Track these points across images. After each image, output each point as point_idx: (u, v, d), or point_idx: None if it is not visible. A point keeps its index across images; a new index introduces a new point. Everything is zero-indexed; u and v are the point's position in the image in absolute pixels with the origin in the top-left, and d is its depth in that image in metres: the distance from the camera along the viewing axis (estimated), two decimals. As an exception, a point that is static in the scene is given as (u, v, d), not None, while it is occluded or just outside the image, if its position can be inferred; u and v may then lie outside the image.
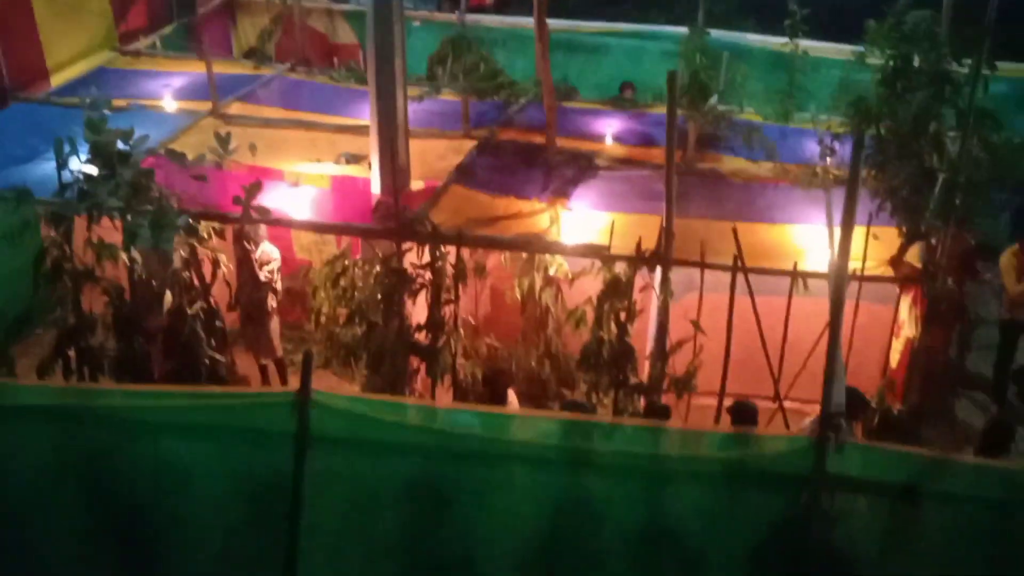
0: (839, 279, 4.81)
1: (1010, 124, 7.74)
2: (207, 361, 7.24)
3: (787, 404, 6.90)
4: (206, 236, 7.18)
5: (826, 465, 4.68)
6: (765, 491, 4.95)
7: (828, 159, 7.77)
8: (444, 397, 7.58)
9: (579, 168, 8.45)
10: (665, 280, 6.96)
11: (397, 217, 7.04)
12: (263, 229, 7.86)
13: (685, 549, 5.08)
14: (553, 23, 9.12)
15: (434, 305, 7.21)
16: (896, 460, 4.98)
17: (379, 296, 7.19)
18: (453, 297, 7.31)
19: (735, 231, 7.04)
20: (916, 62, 7.20)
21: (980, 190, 6.82)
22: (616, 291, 7.01)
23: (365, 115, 8.14)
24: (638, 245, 6.89)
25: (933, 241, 7.07)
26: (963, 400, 8.26)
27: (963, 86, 7.10)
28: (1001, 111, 7.69)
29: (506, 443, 5.06)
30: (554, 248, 7.52)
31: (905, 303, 7.27)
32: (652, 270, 6.98)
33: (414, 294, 7.20)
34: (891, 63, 7.28)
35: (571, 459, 4.97)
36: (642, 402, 7.23)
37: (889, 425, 6.96)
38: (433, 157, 8.60)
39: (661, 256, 6.89)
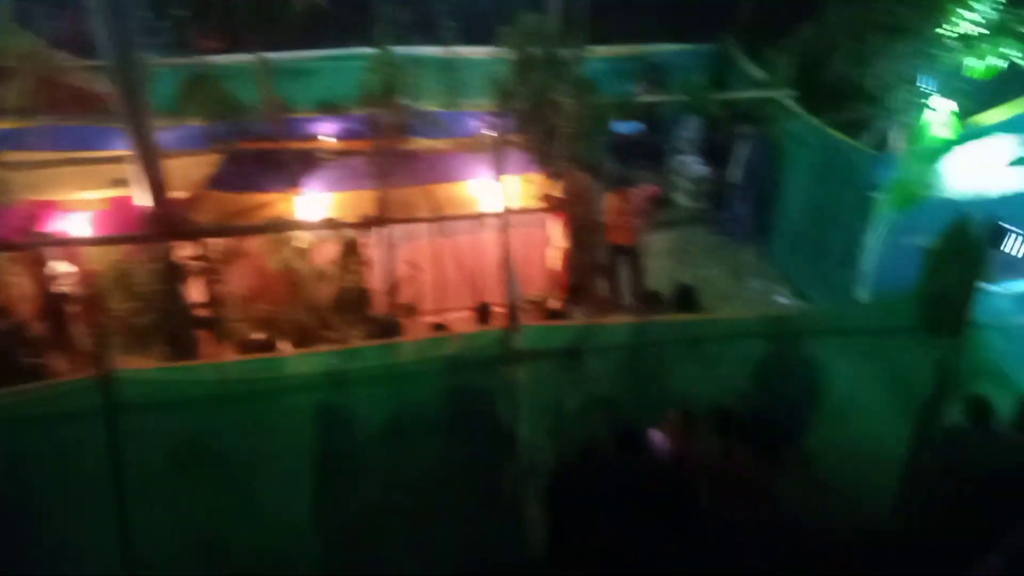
0: (502, 214, 5.89)
1: (607, 90, 9.48)
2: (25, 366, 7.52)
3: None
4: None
5: (514, 345, 5.36)
6: (478, 372, 5.58)
7: (487, 131, 8.83)
8: (230, 358, 7.81)
9: (306, 163, 9.02)
10: (384, 237, 8.00)
11: (165, 222, 7.55)
12: (52, 251, 8.10)
13: (427, 431, 5.60)
14: (272, 55, 9.73)
15: (206, 286, 7.85)
16: (564, 332, 5.81)
17: (160, 286, 7.61)
18: (222, 278, 7.95)
19: (430, 193, 8.34)
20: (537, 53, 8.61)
21: (588, 139, 8.46)
22: (350, 251, 8.02)
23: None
24: (359, 213, 7.86)
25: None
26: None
27: (569, 66, 8.68)
28: (600, 82, 9.42)
29: (282, 379, 5.40)
30: (295, 226, 8.16)
31: (556, 225, 8.58)
32: (374, 231, 7.94)
33: (190, 280, 7.76)
34: (519, 56, 8.70)
35: (334, 380, 5.36)
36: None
37: (556, 312, 8.22)
38: (189, 172, 8.81)
39: (378, 219, 7.88)
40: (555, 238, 8.69)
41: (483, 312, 7.58)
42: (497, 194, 8.05)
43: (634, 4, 11.79)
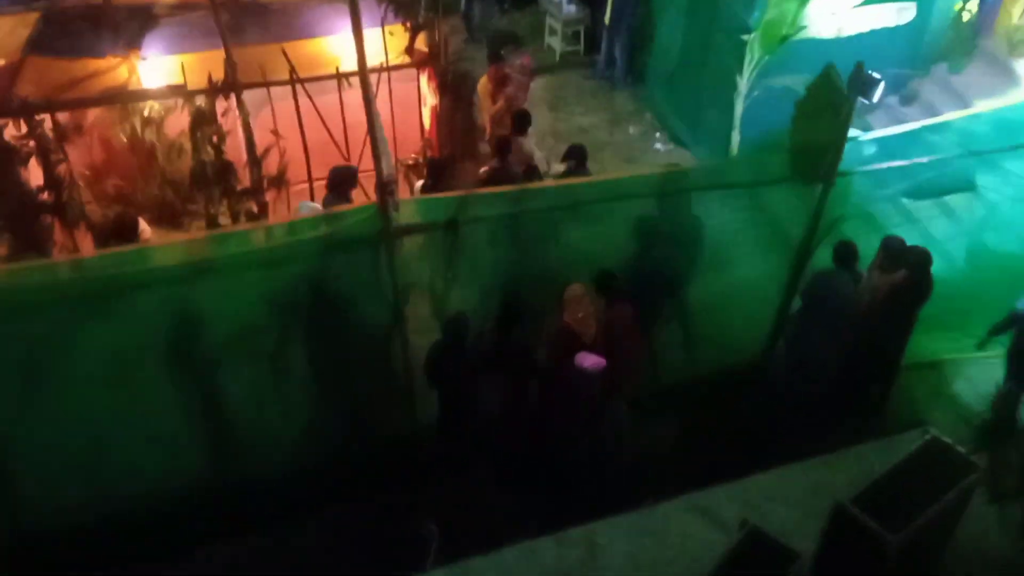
0: (364, 73, 5.47)
1: None
2: None
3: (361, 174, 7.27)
4: None
5: (391, 221, 5.06)
6: (353, 251, 5.29)
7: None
8: (85, 241, 7.50)
9: (142, 20, 8.15)
10: (240, 103, 7.29)
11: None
12: None
13: (305, 315, 5.44)
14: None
15: (46, 168, 7.09)
16: (441, 204, 5.50)
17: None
18: (62, 157, 7.26)
19: (284, 51, 7.69)
20: None
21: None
22: (203, 121, 7.37)
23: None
24: (209, 78, 7.16)
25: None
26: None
27: None
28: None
29: (143, 272, 4.96)
30: (138, 96, 7.45)
31: (423, 80, 8.17)
32: (227, 97, 7.23)
33: (24, 163, 7.00)
34: None
35: (200, 270, 5.01)
36: (253, 205, 7.90)
37: (433, 169, 7.89)
38: (2, 36, 7.91)
39: (231, 84, 7.17)
40: (425, 95, 8.27)
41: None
42: (361, 50, 7.45)
43: None
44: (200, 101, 7.22)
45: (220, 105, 7.30)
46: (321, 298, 5.46)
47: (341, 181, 6.71)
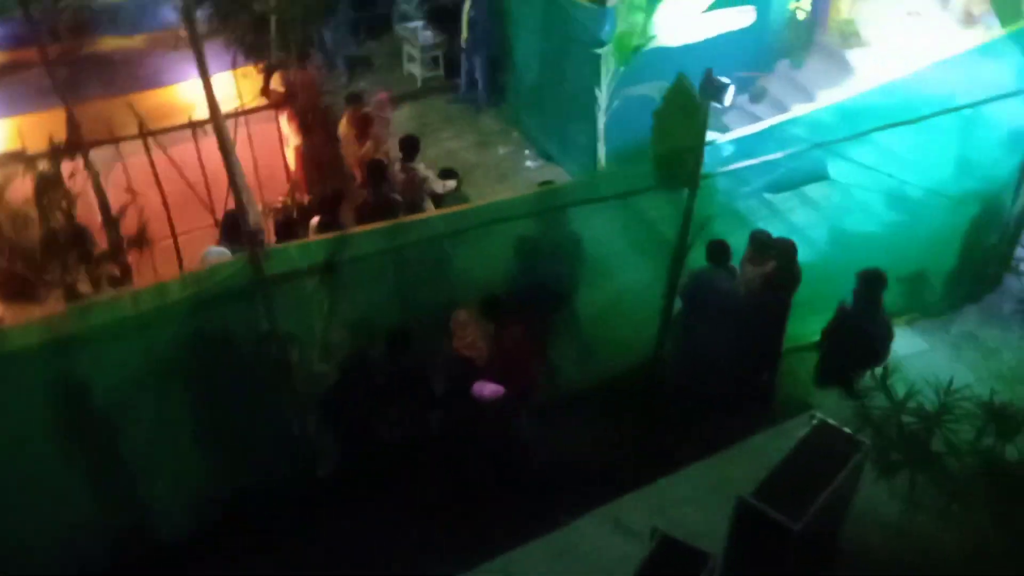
0: (217, 120, 5.27)
1: None
2: None
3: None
4: None
5: (264, 270, 4.95)
6: (227, 306, 5.15)
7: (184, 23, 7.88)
8: None
9: None
10: (87, 162, 6.89)
11: None
12: None
13: (183, 375, 5.26)
14: None
15: None
16: (315, 248, 5.36)
17: None
18: None
19: (131, 104, 7.32)
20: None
21: (302, 26, 7.71)
22: (47, 186, 6.99)
23: None
24: (50, 140, 6.76)
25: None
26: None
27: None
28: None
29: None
30: None
31: (283, 120, 7.93)
32: (73, 158, 6.86)
33: None
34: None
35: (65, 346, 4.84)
36: (114, 269, 7.44)
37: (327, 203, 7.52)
38: None
39: (74, 143, 6.78)
40: (287, 135, 8.05)
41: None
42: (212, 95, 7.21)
43: None
44: (43, 165, 6.76)
45: (66, 167, 6.83)
46: (200, 356, 5.27)
47: (234, 225, 6.38)
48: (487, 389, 5.48)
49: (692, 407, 6.48)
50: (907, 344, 7.08)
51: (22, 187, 7.06)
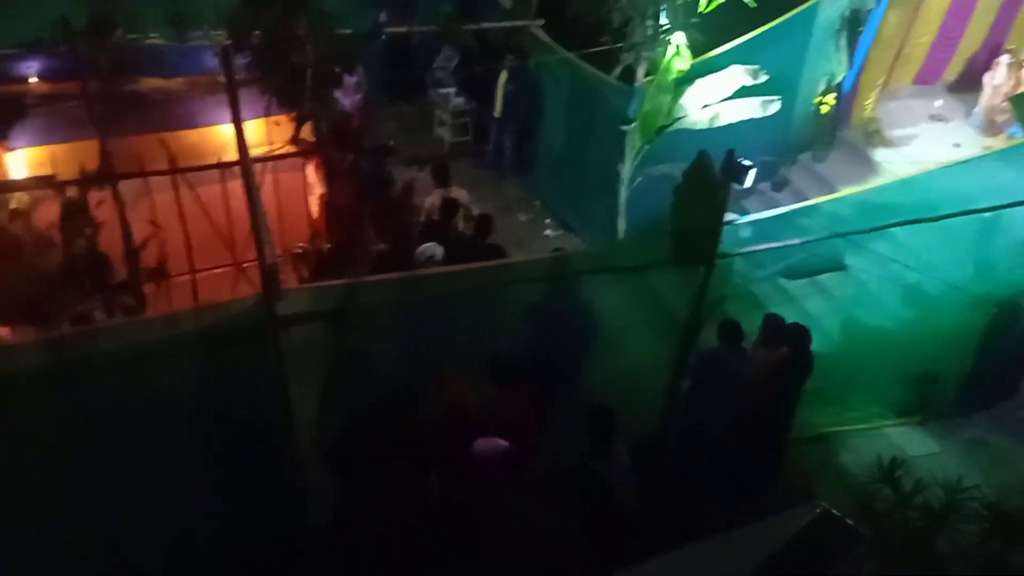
0: (245, 162, 5.39)
1: (351, 22, 8.91)
2: None
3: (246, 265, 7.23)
4: None
5: (276, 310, 4.96)
6: (237, 344, 5.14)
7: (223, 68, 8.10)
8: None
9: (8, 110, 7.72)
10: (115, 193, 7.05)
11: None
12: None
13: (188, 413, 5.22)
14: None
15: None
16: (329, 293, 5.41)
17: None
18: None
19: (165, 141, 7.49)
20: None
21: (335, 77, 7.95)
22: (74, 212, 7.13)
23: None
24: (81, 168, 6.92)
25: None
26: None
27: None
28: (345, 14, 8.83)
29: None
30: (7, 187, 7.11)
31: (311, 168, 8.11)
32: (102, 188, 7.02)
33: None
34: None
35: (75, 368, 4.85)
36: (129, 299, 7.49)
37: (323, 260, 7.88)
38: None
39: (105, 174, 6.95)
40: (313, 184, 8.20)
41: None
42: (244, 140, 7.36)
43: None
44: (71, 192, 6.91)
45: (94, 196, 7.00)
46: (204, 392, 5.21)
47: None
48: (491, 446, 5.39)
49: (692, 488, 6.36)
50: (917, 444, 6.97)
51: (49, 212, 7.25)
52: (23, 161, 7.40)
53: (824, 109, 10.10)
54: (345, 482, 5.74)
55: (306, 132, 7.92)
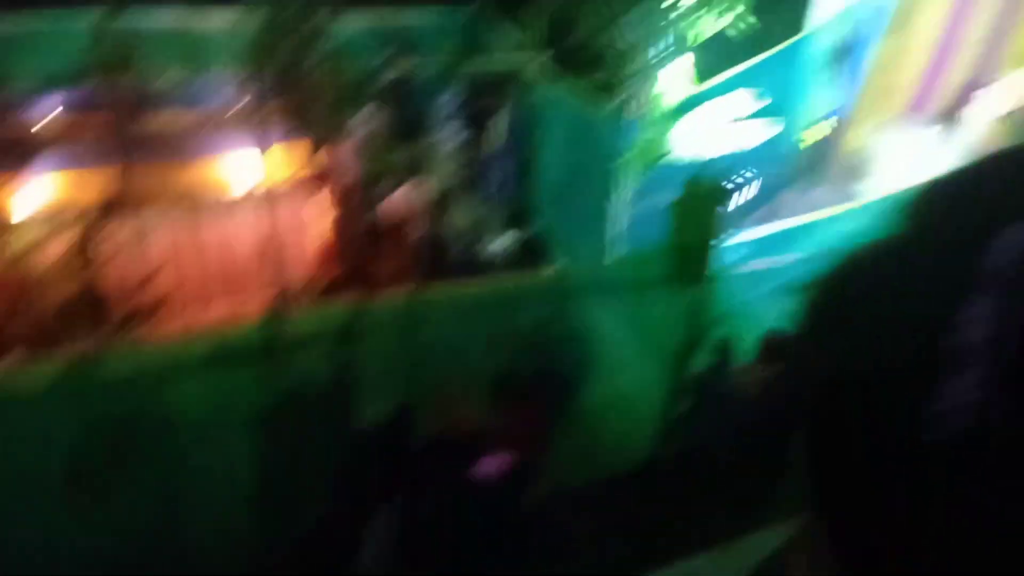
0: (257, 194, 5.52)
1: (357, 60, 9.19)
2: None
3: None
4: None
5: (283, 332, 5.21)
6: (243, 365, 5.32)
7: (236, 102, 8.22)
8: None
9: (25, 145, 7.85)
10: (126, 224, 7.30)
11: None
12: None
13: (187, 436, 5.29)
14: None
15: None
16: (335, 313, 5.67)
17: None
18: None
19: (177, 173, 7.69)
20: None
21: (344, 105, 8.19)
22: (84, 244, 7.26)
23: None
24: (96, 201, 7.15)
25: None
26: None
27: (320, 33, 8.24)
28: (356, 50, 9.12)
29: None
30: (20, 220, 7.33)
31: (323, 199, 8.38)
32: (113, 218, 7.20)
33: None
34: (266, 21, 8.15)
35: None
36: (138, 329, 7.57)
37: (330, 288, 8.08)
38: None
39: (116, 206, 7.16)
40: (324, 213, 8.38)
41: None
42: (255, 170, 7.56)
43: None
44: (82, 220, 7.07)
45: (104, 226, 7.14)
46: (207, 414, 5.26)
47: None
48: (493, 463, 5.40)
49: (690, 505, 6.37)
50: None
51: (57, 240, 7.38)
52: (37, 193, 7.55)
53: (815, 139, 10.31)
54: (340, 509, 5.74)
55: (315, 163, 8.16)
